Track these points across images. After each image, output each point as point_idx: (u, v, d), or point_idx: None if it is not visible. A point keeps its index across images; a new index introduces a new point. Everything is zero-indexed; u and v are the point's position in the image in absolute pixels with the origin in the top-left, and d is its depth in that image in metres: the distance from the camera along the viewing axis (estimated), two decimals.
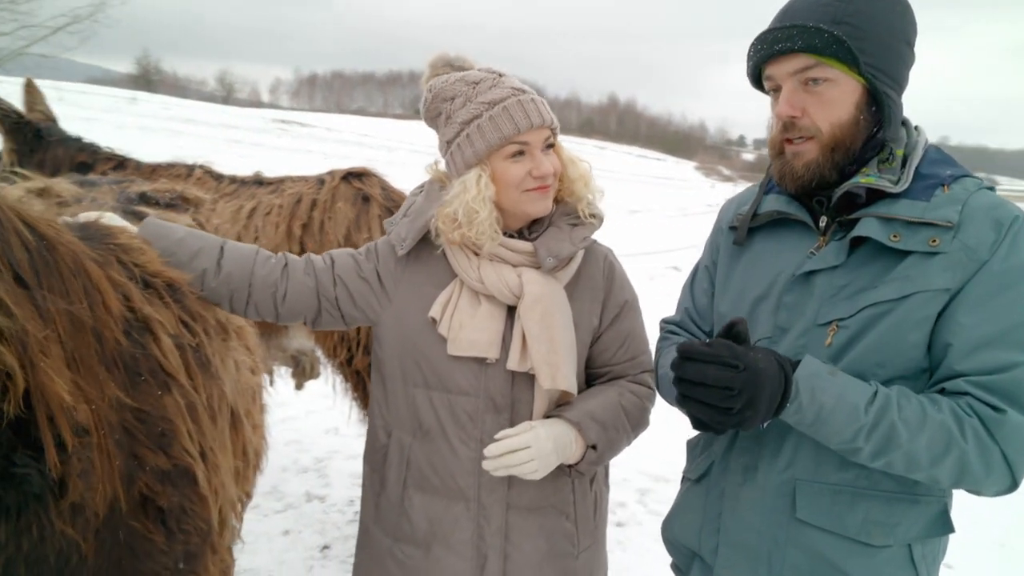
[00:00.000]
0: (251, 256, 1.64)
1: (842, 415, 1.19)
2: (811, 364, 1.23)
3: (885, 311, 1.26)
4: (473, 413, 1.54)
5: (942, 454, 1.18)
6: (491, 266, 1.53)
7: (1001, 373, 1.18)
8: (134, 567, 1.31)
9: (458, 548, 1.55)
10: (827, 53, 1.28)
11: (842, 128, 1.32)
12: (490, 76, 1.52)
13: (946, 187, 1.29)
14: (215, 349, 1.65)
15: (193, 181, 3.76)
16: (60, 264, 1.18)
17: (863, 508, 1.31)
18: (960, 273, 1.23)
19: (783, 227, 1.45)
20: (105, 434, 1.23)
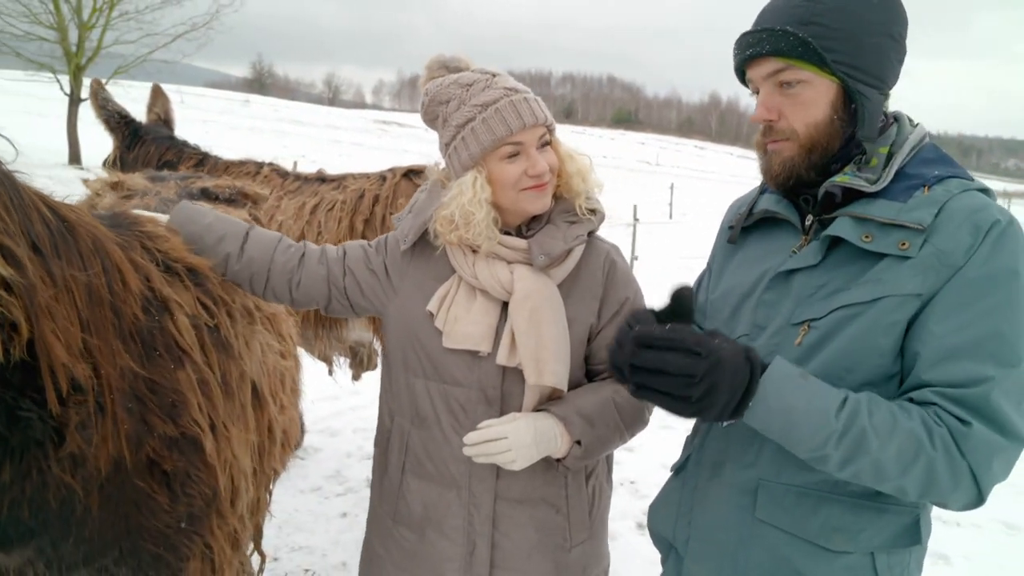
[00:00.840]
0: (273, 243, 1.72)
1: (812, 420, 1.14)
2: (782, 367, 1.19)
3: (855, 314, 1.22)
4: (466, 404, 1.57)
5: (911, 463, 1.12)
6: (485, 262, 1.55)
7: (970, 387, 1.12)
8: (139, 523, 1.42)
9: (450, 534, 1.59)
10: (794, 55, 1.26)
11: (817, 128, 1.30)
12: (483, 78, 1.54)
13: (927, 188, 1.23)
14: (238, 331, 1.76)
15: (261, 178, 3.97)
16: (80, 243, 1.30)
17: (825, 512, 1.27)
18: (932, 278, 1.17)
19: (774, 227, 1.43)
20: (114, 398, 1.33)
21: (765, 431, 1.19)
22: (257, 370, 1.84)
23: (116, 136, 4.10)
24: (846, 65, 1.25)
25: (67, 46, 19.88)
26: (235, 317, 1.76)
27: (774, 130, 1.33)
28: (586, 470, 1.66)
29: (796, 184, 1.35)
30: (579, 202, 1.60)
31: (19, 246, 1.12)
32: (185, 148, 4.15)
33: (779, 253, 1.38)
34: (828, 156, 1.31)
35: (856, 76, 1.26)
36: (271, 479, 2.00)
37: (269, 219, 3.84)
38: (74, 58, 19.93)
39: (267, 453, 1.91)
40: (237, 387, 1.69)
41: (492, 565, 1.59)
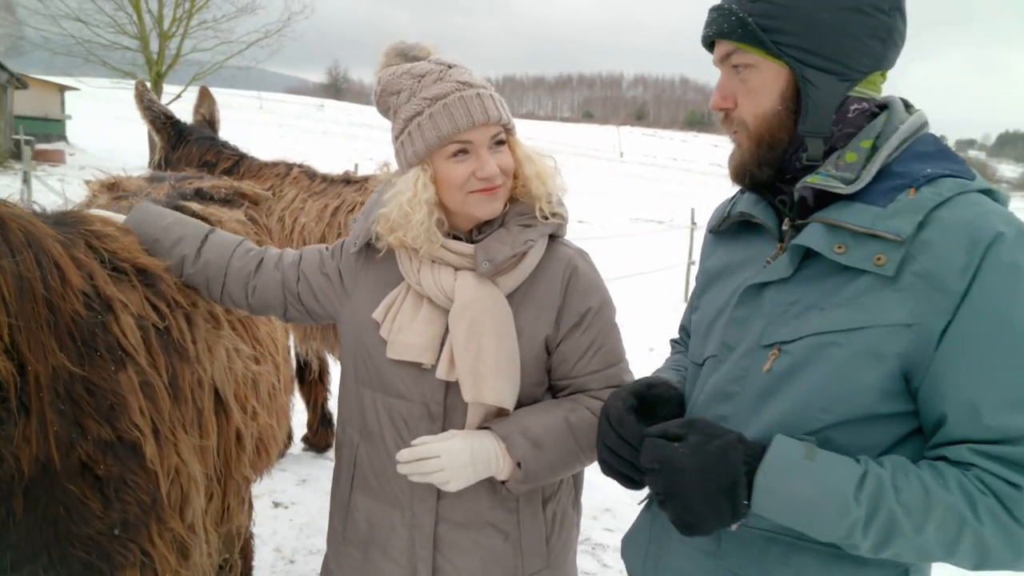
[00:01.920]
0: (231, 247, 1.67)
1: (828, 507, 0.99)
2: (781, 449, 1.04)
3: (831, 343, 1.05)
4: (408, 418, 1.47)
5: (955, 540, 0.97)
6: (430, 268, 1.46)
7: (1011, 444, 0.95)
8: (69, 529, 1.37)
9: (393, 555, 1.50)
10: (735, 37, 1.12)
11: (766, 120, 1.14)
12: (437, 69, 1.43)
13: (913, 190, 1.04)
14: (197, 335, 1.70)
15: (290, 179, 3.99)
16: (8, 233, 1.27)
17: (796, 562, 1.10)
18: (923, 306, 0.99)
19: (754, 232, 1.27)
20: (42, 397, 1.29)
21: (784, 523, 1.05)
22: (221, 375, 1.78)
23: (161, 137, 4.19)
24: (795, 47, 1.09)
25: (148, 54, 20.80)
26: (194, 320, 1.70)
27: (730, 119, 1.19)
28: (544, 493, 1.54)
29: (751, 182, 1.20)
30: (539, 205, 1.48)
31: None
32: (224, 149, 4.20)
33: (755, 263, 1.22)
34: (777, 151, 1.15)
35: (807, 60, 1.10)
36: (242, 486, 1.95)
37: (293, 220, 3.85)
38: (155, 65, 20.83)
39: (235, 460, 1.86)
40: (192, 391, 1.64)
41: None
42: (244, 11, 22.32)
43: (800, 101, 1.12)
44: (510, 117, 1.47)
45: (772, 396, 1.10)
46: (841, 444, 1.05)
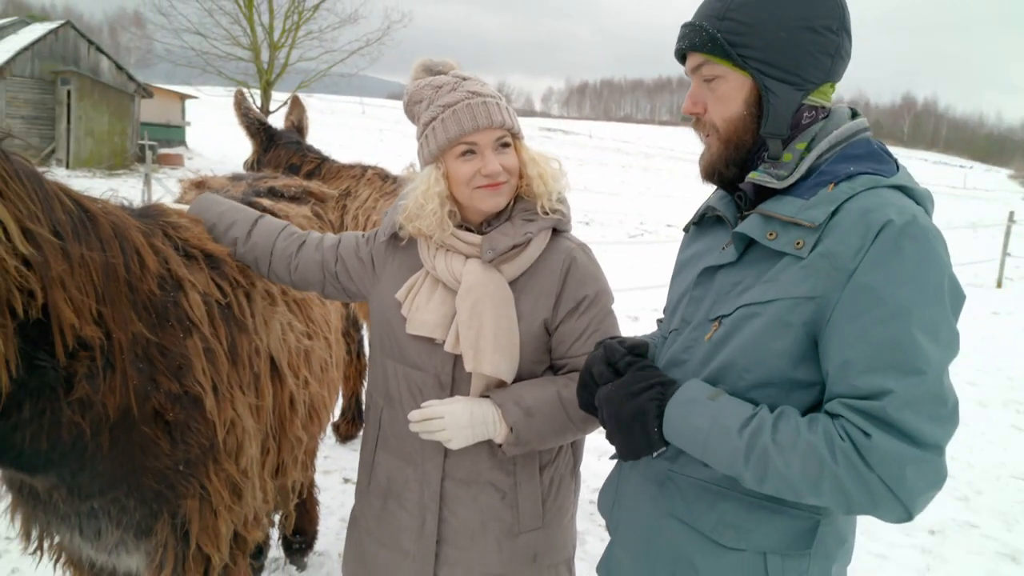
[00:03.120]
0: (276, 231, 1.93)
1: (717, 439, 1.16)
2: (689, 389, 1.23)
3: (753, 313, 1.20)
4: (423, 386, 1.68)
5: (817, 479, 1.09)
6: (443, 255, 1.66)
7: (871, 399, 1.08)
8: (143, 463, 1.66)
9: (406, 505, 1.72)
10: (706, 51, 1.27)
11: (732, 123, 1.29)
12: (452, 81, 1.64)
13: (832, 185, 1.18)
14: (256, 310, 1.99)
15: (365, 180, 4.30)
16: (99, 228, 1.55)
17: (721, 507, 1.26)
18: (822, 281, 1.13)
19: (719, 223, 1.43)
20: (124, 357, 1.55)
21: (688, 452, 1.25)
22: (276, 346, 2.04)
23: (254, 141, 4.59)
24: (757, 60, 1.24)
25: (259, 64, 22.18)
26: (253, 298, 1.97)
27: (700, 123, 1.34)
28: (541, 460, 1.72)
29: (720, 179, 1.35)
30: (541, 202, 1.67)
31: (40, 229, 1.39)
32: (308, 152, 4.56)
33: (715, 250, 1.38)
34: (743, 151, 1.30)
35: (768, 71, 1.24)
36: (295, 446, 2.22)
37: (366, 219, 4.15)
38: (265, 74, 22.18)
39: (288, 421, 2.13)
40: (249, 358, 1.90)
41: (439, 539, 1.69)
42: (347, 21, 23.45)
43: (762, 107, 1.27)
44: (515, 123, 1.66)
45: (710, 361, 1.27)
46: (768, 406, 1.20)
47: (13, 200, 1.33)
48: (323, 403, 2.39)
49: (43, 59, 21.23)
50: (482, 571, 1.68)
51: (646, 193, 27.67)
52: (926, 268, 1.09)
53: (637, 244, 14.66)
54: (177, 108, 27.10)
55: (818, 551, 1.23)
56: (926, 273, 1.09)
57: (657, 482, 1.36)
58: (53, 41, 21.50)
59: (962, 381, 7.05)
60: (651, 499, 1.37)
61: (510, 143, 1.65)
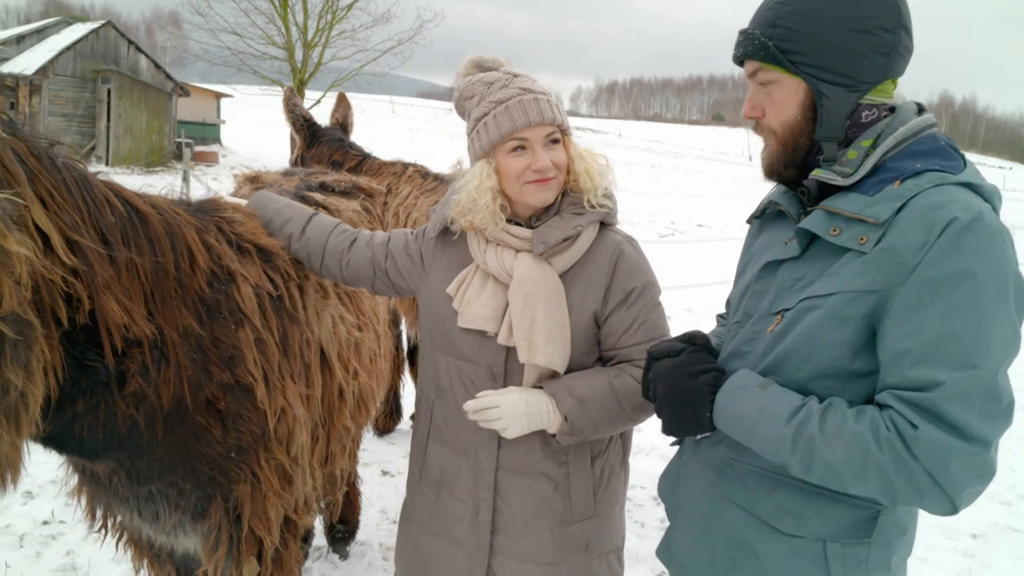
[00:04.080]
0: (329, 228, 1.98)
1: (765, 427, 1.20)
2: (739, 378, 1.27)
3: (814, 306, 1.22)
4: (475, 378, 1.71)
5: (862, 467, 1.11)
6: (495, 250, 1.69)
7: (921, 391, 1.09)
8: (197, 449, 1.71)
9: (459, 495, 1.76)
10: (759, 58, 1.30)
11: (789, 127, 1.32)
12: (504, 77, 1.68)
13: (899, 182, 1.19)
14: (308, 303, 2.02)
15: (405, 177, 4.36)
16: (150, 228, 1.59)
17: (780, 495, 1.28)
18: (883, 276, 1.15)
19: (782, 218, 1.45)
20: (177, 351, 1.60)
21: (736, 439, 1.29)
22: (327, 337, 2.08)
23: (300, 137, 4.66)
24: (810, 65, 1.26)
25: (293, 63, 22.44)
26: (305, 290, 2.02)
27: (761, 127, 1.37)
28: (592, 450, 1.74)
29: (779, 179, 1.39)
30: (588, 197, 1.69)
31: (85, 238, 1.42)
32: (351, 149, 4.62)
33: (776, 245, 1.40)
34: (800, 153, 1.33)
35: (821, 75, 1.26)
36: (343, 435, 2.26)
37: (407, 216, 4.21)
38: (299, 73, 22.43)
39: (337, 410, 2.17)
40: (300, 349, 1.94)
41: (494, 529, 1.72)
42: (380, 20, 23.60)
43: (816, 111, 1.29)
44: (564, 119, 1.68)
45: (770, 353, 1.30)
46: (822, 397, 1.22)
47: (58, 212, 1.36)
48: (371, 394, 2.43)
49: (84, 58, 21.71)
50: (535, 560, 1.71)
51: (676, 192, 27.50)
52: (989, 265, 1.09)
53: (668, 243, 14.60)
54: (212, 106, 27.54)
55: (878, 540, 1.24)
56: (988, 270, 1.09)
57: (717, 469, 1.39)
58: (94, 41, 21.97)
59: None
60: (711, 485, 1.40)
61: (559, 139, 1.67)
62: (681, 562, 1.49)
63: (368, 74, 24.11)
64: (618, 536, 1.84)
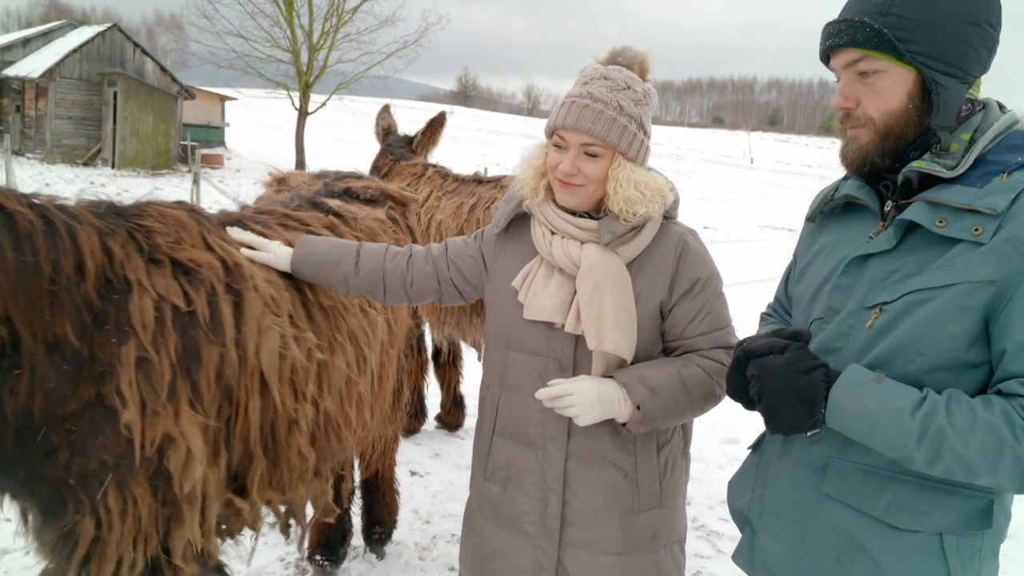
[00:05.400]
0: (381, 254, 1.95)
1: (888, 421, 1.19)
2: (853, 372, 1.24)
3: (926, 298, 1.22)
4: (543, 372, 1.71)
5: (996, 457, 1.12)
6: (560, 241, 1.70)
7: None
8: (40, 469, 1.57)
9: (527, 489, 1.75)
10: (870, 46, 1.28)
11: (893, 116, 1.31)
12: (592, 75, 1.69)
13: (1006, 174, 1.21)
14: (245, 321, 1.84)
15: (425, 179, 4.39)
16: (16, 226, 1.48)
17: (892, 491, 1.28)
18: (1006, 265, 1.16)
19: (854, 212, 1.45)
20: (36, 358, 1.49)
21: (849, 435, 1.26)
22: (269, 360, 1.88)
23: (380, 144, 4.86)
24: (923, 55, 1.26)
25: (299, 66, 22.52)
26: (243, 308, 1.85)
27: (852, 117, 1.36)
28: (658, 440, 1.75)
29: (870, 170, 1.37)
30: (624, 216, 1.67)
31: None
32: (390, 154, 4.69)
33: (857, 239, 1.40)
34: (903, 143, 1.32)
35: (934, 65, 1.26)
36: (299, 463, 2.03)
37: (429, 218, 4.21)
38: (304, 76, 22.49)
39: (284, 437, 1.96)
40: (217, 371, 1.77)
41: (563, 521, 1.73)
42: (385, 23, 23.71)
43: (925, 101, 1.30)
44: (618, 139, 1.64)
45: (873, 347, 1.29)
46: (936, 390, 1.22)
47: None
48: (344, 421, 2.21)
49: (91, 61, 21.77)
50: (605, 551, 1.72)
51: (680, 195, 27.53)
52: None
53: None
54: (217, 109, 27.61)
55: (991, 529, 1.27)
56: None
57: (815, 469, 1.38)
58: (100, 44, 22.06)
59: None
60: (808, 486, 1.39)
61: (598, 154, 1.65)
62: (769, 566, 1.47)
63: (373, 77, 24.19)
64: (681, 526, 1.85)
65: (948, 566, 1.25)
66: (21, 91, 22.37)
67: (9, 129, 22.07)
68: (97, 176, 19.80)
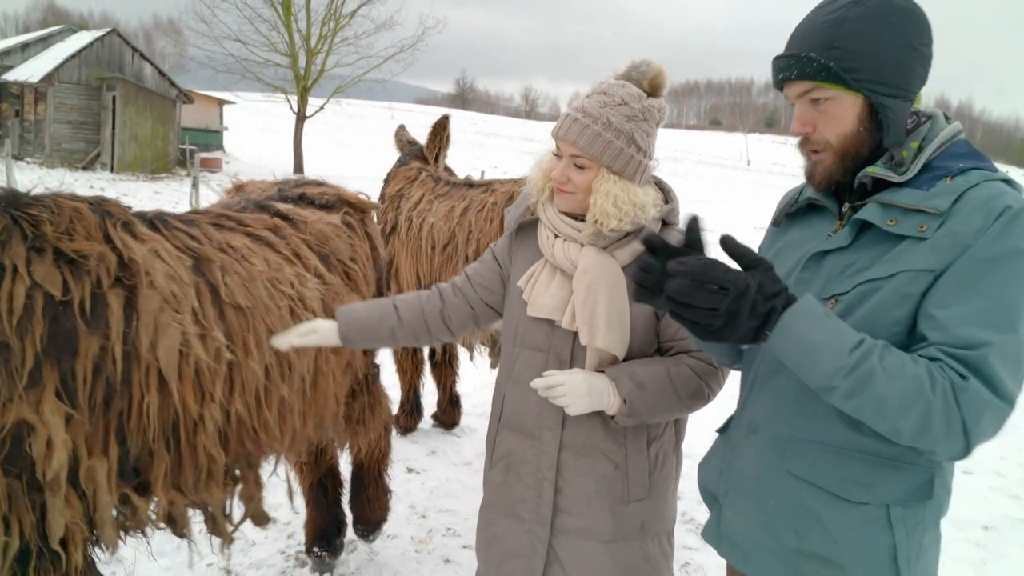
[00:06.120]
0: (417, 300, 2.06)
1: (827, 353, 1.28)
2: (808, 303, 1.31)
3: (875, 288, 1.35)
4: (544, 366, 1.83)
5: (911, 405, 1.23)
6: (562, 244, 1.81)
7: (971, 349, 1.23)
8: None
9: (524, 477, 1.86)
10: (819, 78, 1.40)
11: (848, 139, 1.43)
12: (595, 89, 1.80)
13: (949, 178, 1.34)
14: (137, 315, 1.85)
15: (418, 182, 4.49)
16: None
17: (845, 467, 1.39)
18: (944, 256, 1.28)
19: (816, 213, 1.57)
20: None
21: (783, 358, 1.34)
22: (167, 356, 1.88)
23: None
24: (869, 82, 1.38)
25: (296, 70, 22.63)
26: (136, 302, 1.86)
27: (811, 140, 1.48)
28: (648, 435, 1.85)
29: (837, 187, 1.50)
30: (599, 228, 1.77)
31: None
32: (398, 162, 4.83)
33: (817, 237, 1.52)
34: (860, 161, 1.45)
35: (879, 90, 1.38)
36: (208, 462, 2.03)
37: (421, 221, 4.30)
38: (302, 80, 22.60)
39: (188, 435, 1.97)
40: (95, 362, 1.78)
41: (555, 508, 1.83)
42: (383, 27, 23.86)
43: (874, 122, 1.42)
44: (596, 151, 1.73)
45: None
46: None
47: None
48: (260, 425, 2.16)
49: (90, 66, 21.88)
50: (595, 538, 1.81)
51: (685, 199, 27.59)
52: None
53: None
54: (216, 113, 27.69)
55: (933, 501, 1.38)
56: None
57: (777, 448, 1.49)
58: (99, 48, 22.16)
59: None
60: (771, 464, 1.50)
61: (585, 165, 1.76)
62: (734, 540, 1.57)
63: (370, 80, 24.31)
64: (669, 518, 1.93)
65: (894, 534, 1.36)
66: (20, 96, 22.47)
67: (9, 134, 22.17)
68: (96, 180, 19.89)
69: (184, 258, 2.04)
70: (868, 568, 1.38)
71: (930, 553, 1.42)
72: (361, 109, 59.01)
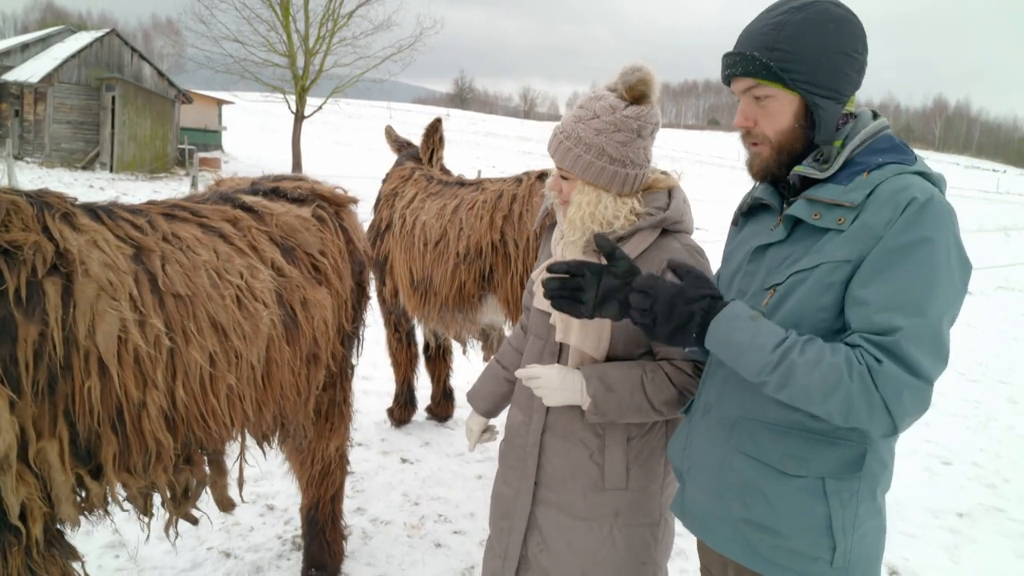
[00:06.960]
0: (508, 345, 2.28)
1: (752, 352, 1.43)
2: (734, 308, 1.48)
3: (803, 278, 1.47)
4: (541, 354, 2.01)
5: (832, 391, 1.35)
6: (570, 247, 1.93)
7: (884, 335, 1.35)
8: None
9: (516, 449, 2.05)
10: (761, 76, 1.53)
11: (784, 134, 1.56)
12: (575, 103, 1.93)
13: (866, 173, 1.46)
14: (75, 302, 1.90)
15: (412, 181, 4.61)
16: None
17: (785, 443, 1.52)
18: (859, 247, 1.40)
19: (764, 211, 1.70)
20: None
21: (721, 358, 1.51)
22: (105, 342, 1.93)
23: None
24: (805, 83, 1.50)
25: (295, 70, 22.69)
26: (72, 290, 1.91)
27: (751, 134, 1.61)
28: (629, 431, 1.94)
29: (772, 178, 1.62)
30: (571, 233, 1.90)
31: None
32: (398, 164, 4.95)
33: (762, 233, 1.65)
34: (795, 156, 1.57)
35: (814, 91, 1.51)
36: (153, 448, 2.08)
37: (414, 219, 4.41)
38: (300, 80, 22.69)
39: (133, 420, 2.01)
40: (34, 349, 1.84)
41: (537, 481, 1.99)
42: (380, 28, 23.89)
43: (808, 120, 1.55)
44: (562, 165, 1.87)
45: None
46: None
47: None
48: (209, 412, 2.20)
49: (89, 66, 21.97)
50: (570, 513, 1.95)
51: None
52: (938, 235, 1.36)
53: None
54: (214, 113, 27.79)
55: (866, 474, 1.49)
56: (940, 238, 1.36)
57: (726, 427, 1.61)
58: (99, 49, 22.25)
59: (992, 380, 7.23)
60: (721, 441, 1.63)
61: (567, 176, 1.89)
62: (694, 512, 1.70)
63: (369, 80, 24.41)
64: (654, 512, 1.98)
65: (828, 504, 1.48)
66: (20, 96, 22.56)
67: (9, 134, 22.26)
68: (96, 180, 20.00)
69: (124, 247, 2.08)
70: (806, 535, 1.49)
71: (868, 523, 1.52)
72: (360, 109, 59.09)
